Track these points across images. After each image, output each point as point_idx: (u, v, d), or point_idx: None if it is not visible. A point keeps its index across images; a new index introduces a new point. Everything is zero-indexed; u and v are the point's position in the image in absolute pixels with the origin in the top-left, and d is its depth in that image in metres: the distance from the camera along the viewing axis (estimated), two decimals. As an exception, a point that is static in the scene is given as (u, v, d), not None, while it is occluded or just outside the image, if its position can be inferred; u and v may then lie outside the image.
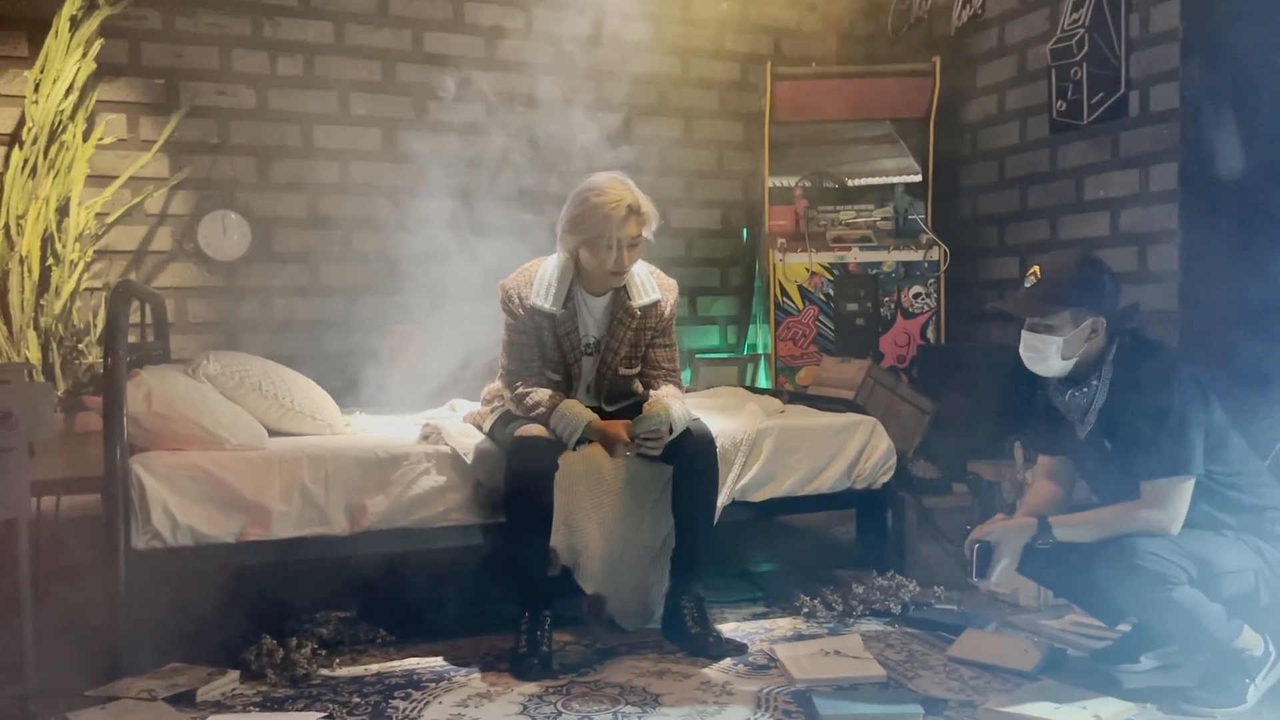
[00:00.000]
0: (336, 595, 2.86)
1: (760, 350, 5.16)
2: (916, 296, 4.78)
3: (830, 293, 4.79)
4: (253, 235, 4.45)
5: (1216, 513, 2.35)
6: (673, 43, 5.30)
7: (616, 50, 5.14)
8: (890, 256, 4.79)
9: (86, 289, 4.08)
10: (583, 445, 2.82)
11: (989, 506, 3.45)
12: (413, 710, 2.36)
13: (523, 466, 2.68)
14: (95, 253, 4.12)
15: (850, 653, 2.65)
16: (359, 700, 2.41)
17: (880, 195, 4.95)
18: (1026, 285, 2.45)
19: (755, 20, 5.47)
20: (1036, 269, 2.45)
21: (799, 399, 3.76)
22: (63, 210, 3.92)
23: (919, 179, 4.91)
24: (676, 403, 2.83)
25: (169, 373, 2.85)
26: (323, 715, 2.32)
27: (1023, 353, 2.48)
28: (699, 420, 2.90)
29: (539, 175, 4.49)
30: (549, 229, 2.91)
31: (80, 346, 3.83)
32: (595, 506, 2.85)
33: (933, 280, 4.78)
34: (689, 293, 5.33)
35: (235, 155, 4.46)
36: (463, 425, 3.06)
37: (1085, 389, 2.44)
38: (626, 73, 5.14)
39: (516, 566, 2.74)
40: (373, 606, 2.87)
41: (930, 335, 4.78)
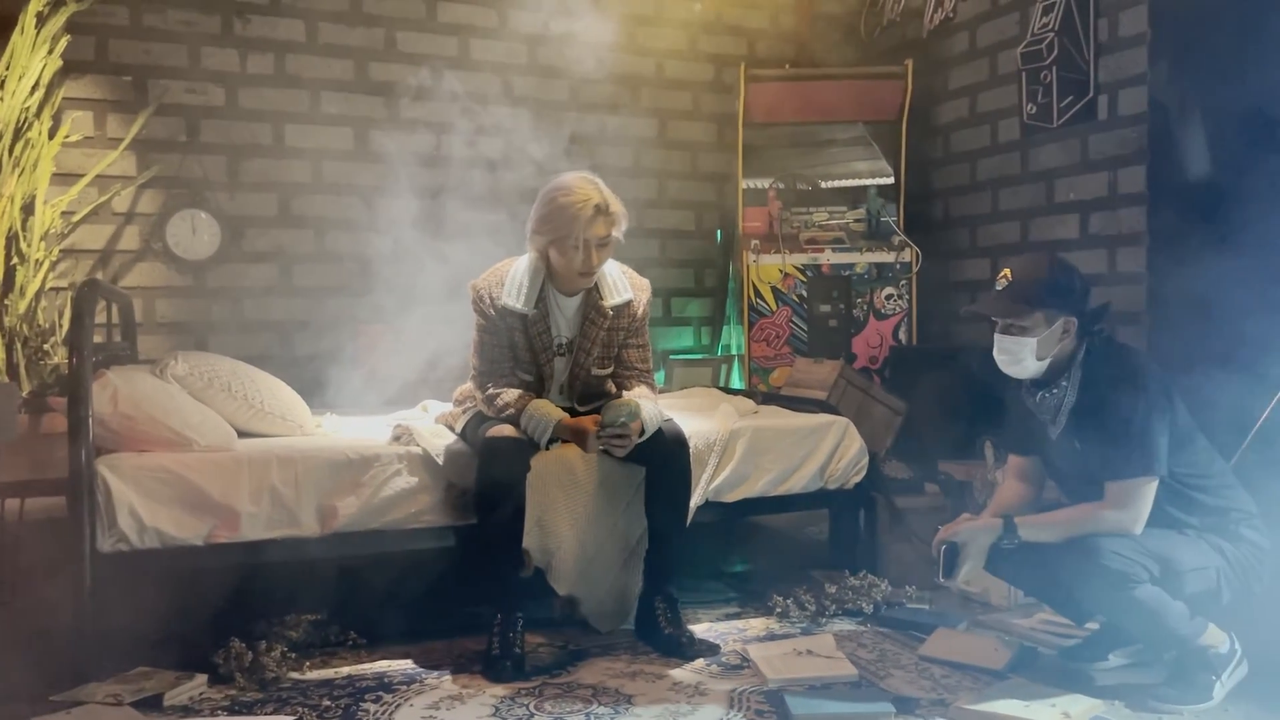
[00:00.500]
0: (307, 598, 2.83)
1: (734, 351, 5.17)
2: (889, 298, 4.81)
3: (803, 294, 4.81)
4: (222, 235, 4.41)
5: (1181, 514, 2.38)
6: (646, 44, 5.30)
7: (590, 51, 5.13)
8: (863, 258, 4.81)
9: (52, 288, 4.02)
10: (555, 445, 2.81)
11: (960, 506, 3.47)
12: (383, 713, 2.34)
13: (494, 467, 2.67)
14: (61, 252, 4.07)
15: (822, 652, 2.66)
16: (329, 703, 2.39)
17: (853, 197, 4.98)
18: (998, 287, 2.47)
19: (729, 22, 5.47)
20: (1008, 271, 2.47)
21: (772, 400, 3.77)
22: (28, 208, 3.86)
23: (891, 181, 4.94)
24: (649, 403, 2.83)
25: (136, 373, 2.82)
26: (292, 719, 2.30)
27: (996, 356, 2.49)
28: (672, 421, 2.90)
29: (511, 175, 4.47)
30: (521, 229, 2.90)
31: (45, 347, 3.77)
32: (568, 507, 2.85)
33: (905, 282, 4.81)
34: (663, 294, 5.33)
35: (205, 154, 4.42)
36: (434, 426, 3.04)
37: (1056, 390, 2.47)
38: (600, 73, 5.13)
39: (489, 568, 2.72)
40: (343, 609, 2.84)
41: (902, 336, 4.81)
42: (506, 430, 2.75)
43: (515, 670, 2.56)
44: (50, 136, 3.90)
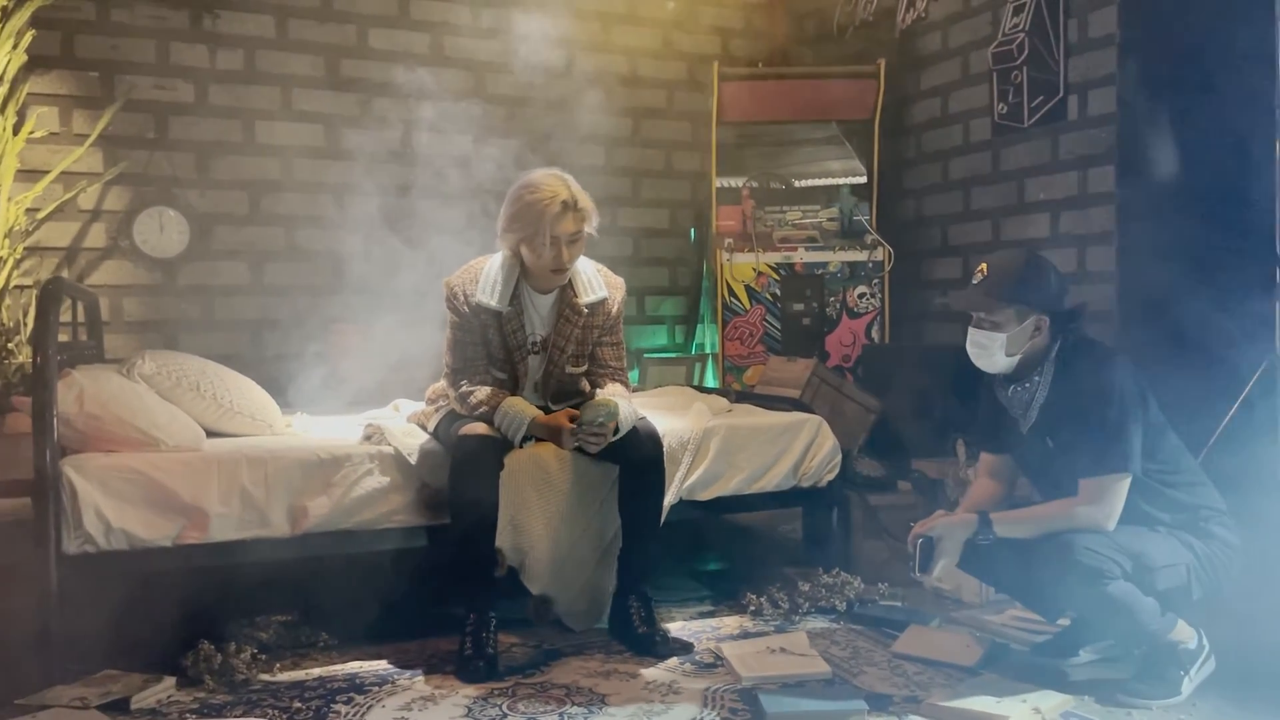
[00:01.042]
0: (277, 599, 2.81)
1: (708, 350, 5.17)
2: (861, 296, 4.83)
3: (777, 292, 4.82)
4: (191, 232, 4.37)
5: (1153, 510, 2.40)
6: (620, 42, 5.30)
7: (563, 48, 5.13)
8: (836, 257, 4.83)
9: (16, 286, 3.96)
10: (528, 443, 2.80)
11: (933, 504, 3.49)
12: (355, 714, 2.32)
13: (467, 466, 2.66)
14: (25, 249, 4.01)
15: (796, 650, 2.66)
16: (300, 705, 2.37)
17: (826, 196, 5.00)
18: (974, 282, 2.49)
19: (702, 20, 5.48)
20: (984, 266, 2.49)
21: (746, 398, 3.77)
22: (-8, 205, 3.81)
23: (864, 180, 4.96)
24: (624, 402, 2.83)
25: (102, 373, 2.78)
26: (262, 721, 2.28)
27: (969, 348, 2.52)
28: (645, 419, 2.89)
29: (484, 173, 4.45)
30: (494, 227, 2.88)
31: (10, 346, 3.72)
32: (542, 506, 2.83)
33: (877, 280, 4.83)
34: (637, 292, 5.32)
35: (173, 151, 4.37)
36: (406, 425, 3.02)
37: (1028, 385, 2.49)
38: (573, 71, 5.13)
39: (461, 568, 2.71)
40: (315, 610, 2.82)
41: (875, 335, 4.83)
42: (480, 428, 2.73)
43: (488, 670, 2.54)
44: (15, 133, 3.84)
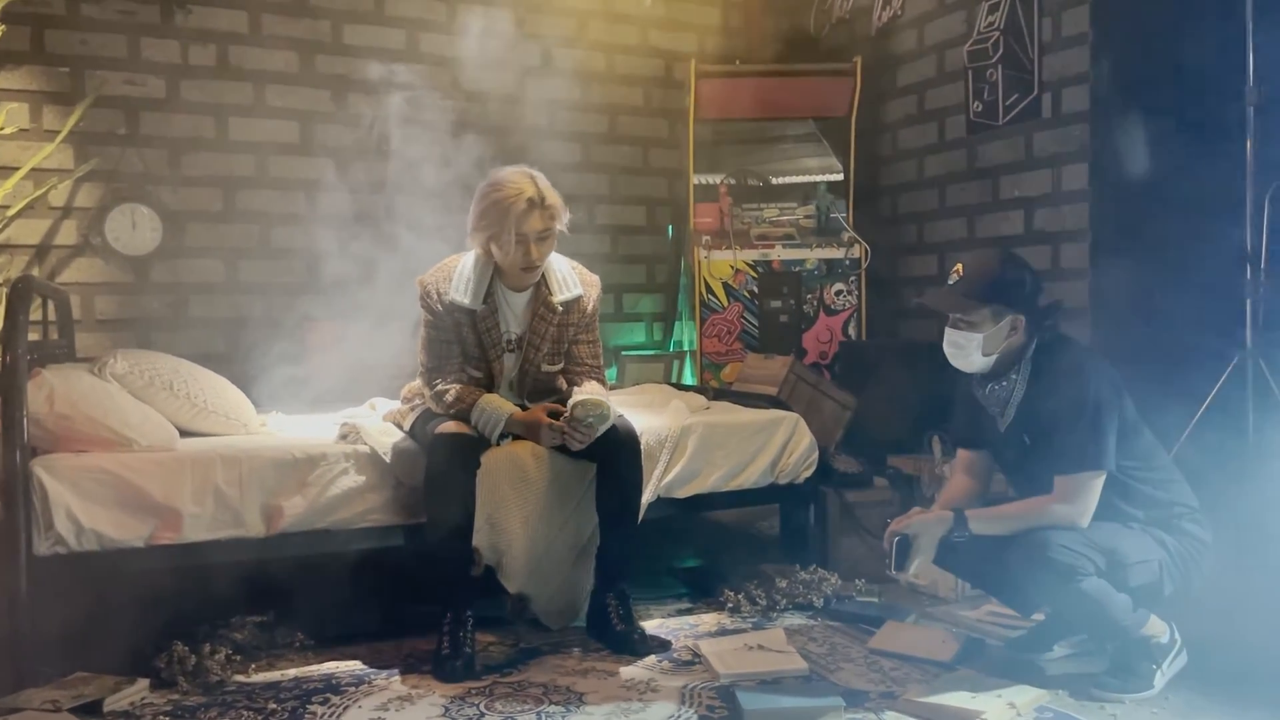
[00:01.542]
0: (252, 599, 2.78)
1: (686, 347, 5.18)
2: (838, 294, 4.84)
3: (754, 290, 4.83)
4: (164, 230, 4.32)
5: (1127, 507, 2.41)
6: (596, 38, 5.28)
7: (539, 45, 5.12)
8: (813, 254, 4.84)
9: (-14, 285, 3.91)
10: (505, 440, 2.79)
11: (909, 500, 3.50)
12: (331, 715, 2.31)
13: (443, 464, 2.65)
14: (-5, 247, 3.96)
15: (773, 647, 2.67)
16: (275, 706, 2.35)
17: (803, 193, 5.01)
18: (950, 283, 2.49)
19: (678, 18, 5.48)
20: (960, 267, 2.49)
21: (723, 395, 3.78)
22: (-40, 203, 3.77)
23: (841, 177, 4.98)
24: (611, 407, 2.81)
25: (73, 372, 2.75)
26: (237, 723, 2.27)
27: (946, 349, 2.53)
28: (623, 417, 2.89)
29: (460, 170, 4.43)
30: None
31: (-21, 345, 3.67)
32: (519, 505, 2.83)
33: (854, 278, 4.85)
34: (615, 289, 5.32)
35: (145, 147, 4.32)
36: (382, 424, 3.00)
37: (1005, 382, 2.50)
38: (550, 68, 5.12)
39: (438, 566, 2.69)
40: (290, 610, 2.80)
41: (852, 332, 4.85)
42: (456, 426, 2.72)
43: (466, 669, 2.53)
44: (-17, 129, 3.80)
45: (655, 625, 2.92)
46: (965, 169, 4.58)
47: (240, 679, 2.51)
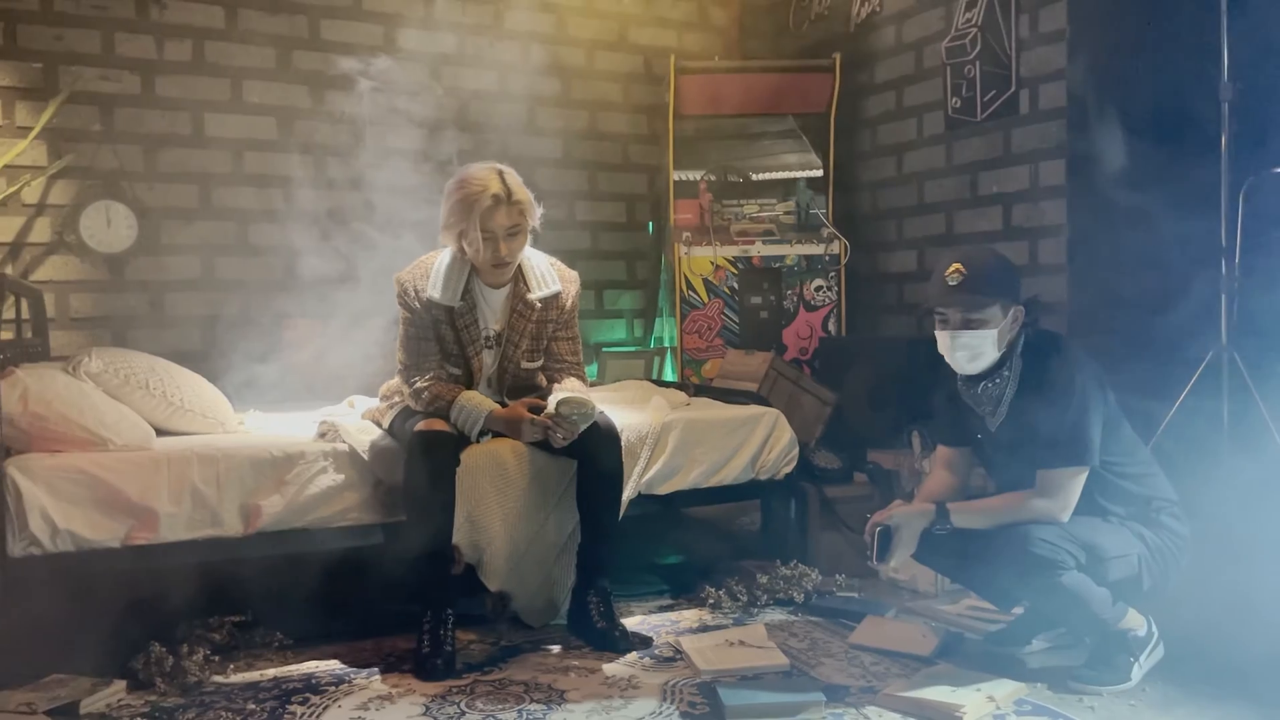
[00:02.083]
0: (230, 599, 2.77)
1: (666, 343, 5.18)
2: (818, 289, 4.85)
3: (735, 286, 4.83)
4: (140, 227, 4.28)
5: (1107, 504, 2.43)
6: (576, 34, 5.27)
7: (519, 41, 5.10)
8: (793, 250, 4.85)
9: (-42, 283, 3.87)
10: (485, 437, 2.78)
11: (888, 495, 3.52)
12: (311, 715, 2.30)
13: (423, 462, 2.63)
14: (-32, 245, 3.92)
15: (754, 643, 2.67)
16: (254, 707, 2.34)
17: (783, 189, 5.01)
18: (951, 284, 2.41)
19: (657, 13, 5.47)
20: (959, 266, 2.42)
21: (704, 392, 3.78)
22: (-69, 200, 3.72)
23: (820, 174, 4.98)
24: (595, 406, 2.81)
25: (47, 371, 2.72)
26: (215, 724, 2.25)
27: (956, 355, 2.46)
28: (603, 414, 2.88)
29: (440, 166, 4.42)
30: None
31: (-48, 344, 3.63)
32: (499, 502, 2.82)
33: (834, 273, 4.86)
34: (595, 286, 5.31)
35: (120, 143, 4.28)
36: (361, 422, 2.99)
37: (998, 380, 2.49)
38: (529, 64, 5.10)
39: (418, 565, 2.68)
40: (269, 610, 2.78)
41: (831, 328, 4.86)
42: (435, 424, 2.71)
43: (446, 668, 2.52)
44: (-46, 125, 3.75)
45: (636, 622, 2.92)
46: (944, 165, 4.59)
47: (218, 679, 2.50)
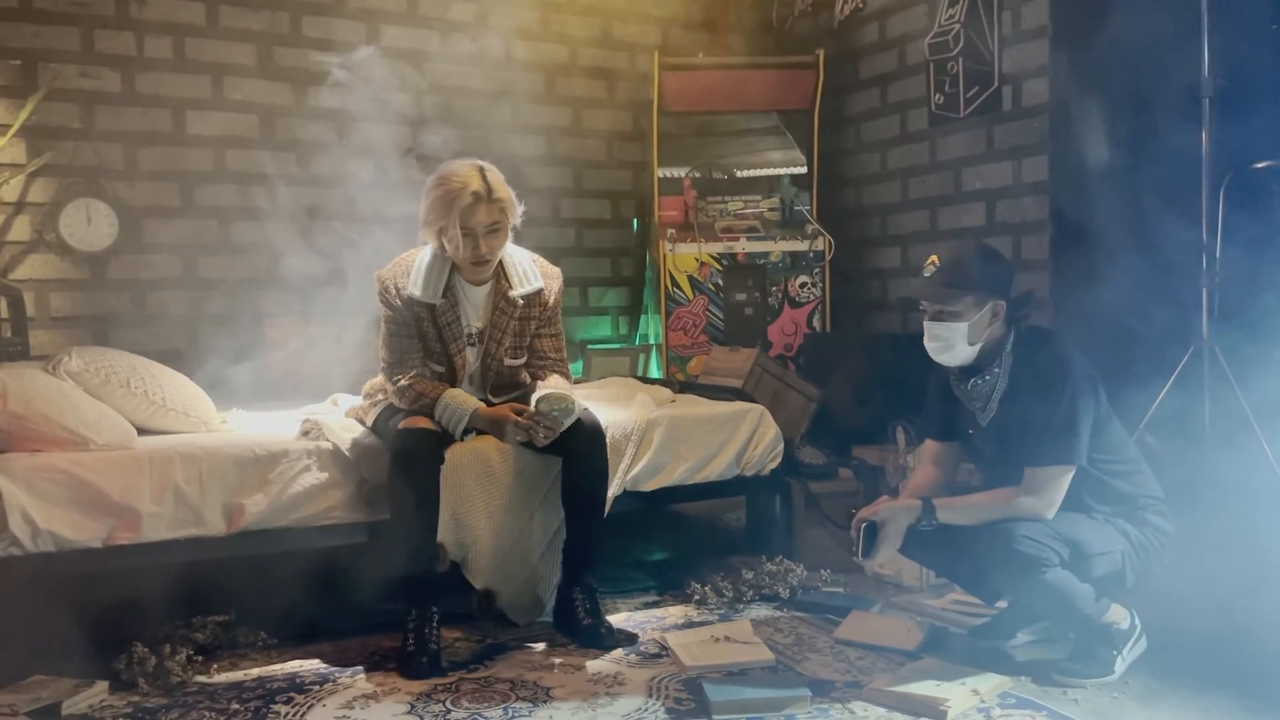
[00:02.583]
0: (213, 598, 2.75)
1: (652, 340, 5.17)
2: (803, 286, 4.86)
3: (719, 283, 4.83)
4: (121, 225, 4.24)
5: (1093, 503, 2.44)
6: (560, 31, 5.26)
7: (502, 38, 5.08)
8: (777, 247, 4.85)
9: (-63, 282, 3.83)
10: (469, 436, 2.77)
11: (873, 490, 3.53)
12: (295, 714, 2.29)
13: (407, 460, 2.62)
14: (-54, 243, 3.88)
15: (740, 638, 2.67)
16: (238, 707, 2.32)
17: (768, 186, 5.02)
18: (926, 274, 2.49)
19: (642, 10, 5.46)
20: (935, 258, 2.50)
21: (689, 388, 3.78)
22: (-92, 198, 3.68)
23: (804, 170, 4.99)
24: (575, 400, 2.80)
25: (27, 370, 2.70)
26: (199, 724, 2.24)
27: (928, 344, 2.50)
28: (588, 411, 2.88)
29: (423, 164, 4.40)
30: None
31: (-70, 343, 3.60)
32: (484, 500, 2.81)
33: (818, 270, 4.87)
34: (580, 283, 5.31)
35: (100, 141, 4.25)
36: (345, 420, 2.98)
37: (988, 376, 2.50)
38: (513, 60, 5.08)
39: (402, 563, 2.67)
40: (253, 609, 2.76)
41: (816, 324, 4.87)
42: (419, 422, 2.70)
43: (431, 666, 2.52)
44: (-68, 123, 3.72)
45: (622, 618, 2.92)
46: (927, 161, 4.61)
47: (202, 679, 2.48)
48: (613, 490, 3.00)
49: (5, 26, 4.08)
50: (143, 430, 2.83)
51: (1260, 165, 3.09)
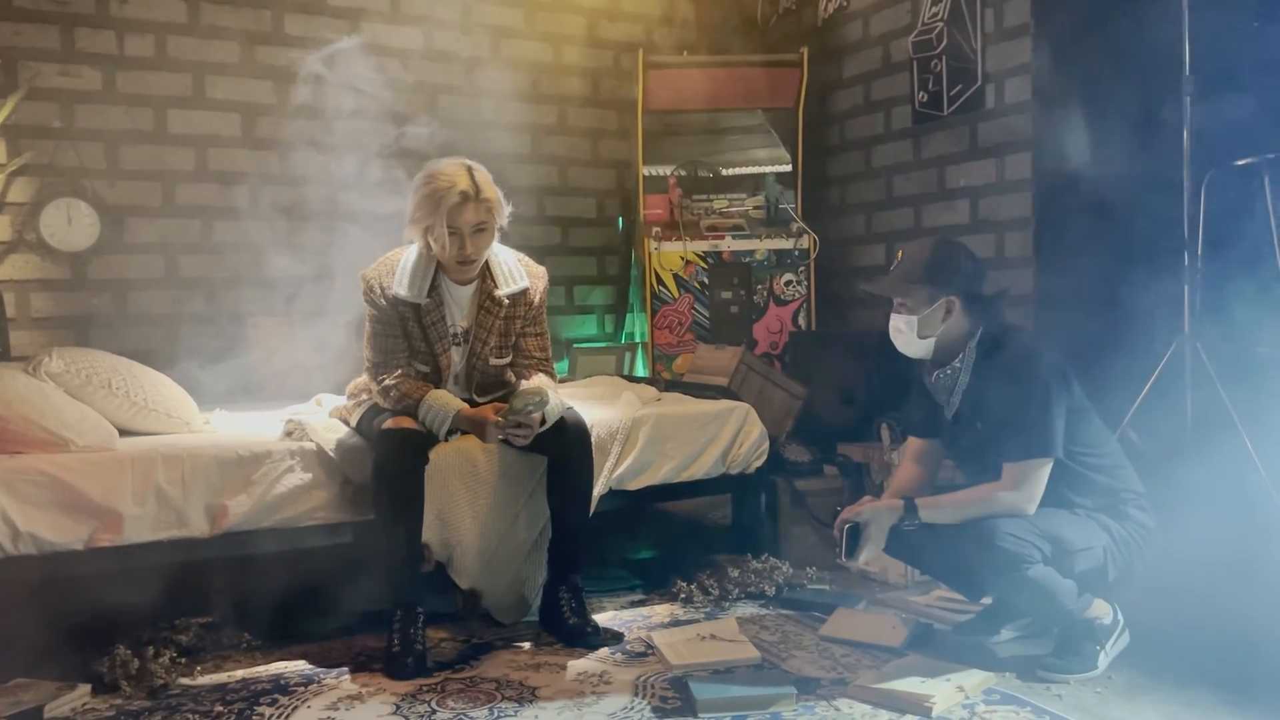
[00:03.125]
0: (197, 600, 2.73)
1: (638, 339, 5.17)
2: (788, 284, 4.87)
3: (705, 281, 4.83)
4: (102, 225, 4.22)
5: (1074, 496, 2.45)
6: (544, 29, 5.25)
7: (487, 36, 5.07)
8: (762, 245, 4.85)
9: (-84, 283, 3.80)
10: (453, 436, 2.77)
11: (858, 487, 3.53)
12: (280, 716, 2.27)
13: (391, 460, 2.62)
14: (-75, 244, 3.85)
15: (726, 636, 2.68)
16: (222, 709, 2.31)
17: (752, 184, 5.02)
18: (891, 267, 2.56)
19: (626, 8, 5.46)
20: (900, 252, 2.57)
21: (675, 387, 3.78)
22: (-114, 198, 3.65)
23: (789, 168, 4.99)
24: (551, 395, 2.80)
25: (7, 371, 2.68)
26: (182, 726, 2.22)
27: (890, 333, 2.58)
28: (573, 410, 2.87)
29: (406, 162, 4.38)
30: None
31: (-91, 344, 3.57)
32: (469, 500, 2.81)
33: (803, 268, 4.87)
34: (565, 282, 5.30)
35: (81, 140, 4.22)
36: (328, 420, 2.97)
37: (949, 370, 2.54)
38: (498, 58, 5.07)
39: (387, 563, 2.67)
40: (237, 610, 2.75)
41: (801, 322, 4.88)
42: (403, 422, 2.69)
43: (417, 666, 2.51)
44: (-90, 122, 3.68)
45: (608, 617, 2.92)
46: (911, 159, 4.62)
47: (186, 682, 2.47)
48: (598, 489, 3.00)
49: (-16, 25, 4.05)
50: (124, 431, 2.81)
51: (1241, 162, 3.10)
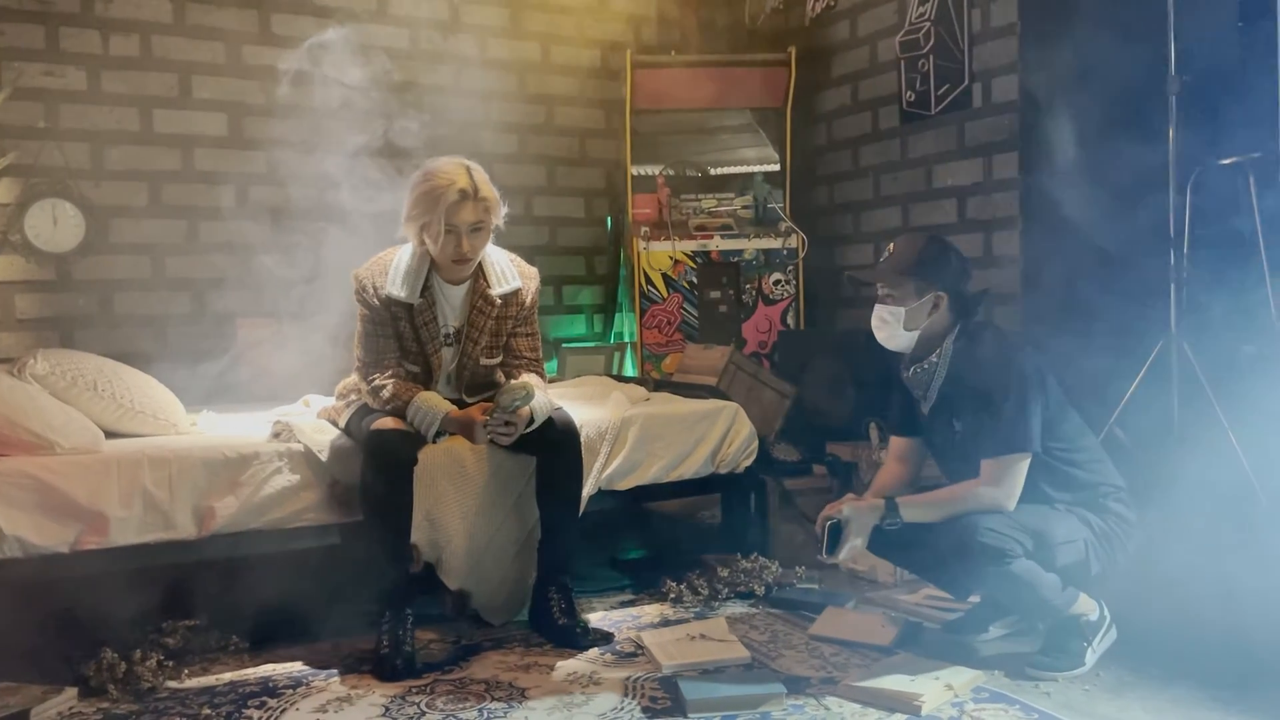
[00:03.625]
0: (184, 603, 2.72)
1: (627, 339, 5.17)
2: (777, 283, 4.87)
3: (694, 280, 4.84)
4: (87, 225, 4.19)
5: (1053, 491, 2.47)
6: (532, 28, 5.24)
7: (474, 35, 5.06)
8: (751, 244, 4.86)
9: (-101, 284, 3.77)
10: (442, 437, 2.76)
11: (847, 486, 3.54)
12: (268, 718, 2.27)
13: (380, 461, 2.61)
14: (-92, 245, 3.82)
15: (715, 636, 2.68)
16: (210, 711, 2.30)
17: (741, 184, 5.02)
18: (881, 259, 2.57)
19: (614, 7, 5.45)
20: (891, 245, 2.58)
21: (664, 386, 3.78)
22: None
23: (777, 168, 5.00)
24: (539, 392, 2.79)
25: (-9, 373, 2.66)
26: (170, 730, 2.21)
27: (873, 323, 2.59)
28: (562, 410, 2.87)
29: (394, 162, 4.37)
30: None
31: (-108, 347, 3.54)
32: (458, 500, 2.80)
33: (792, 267, 4.88)
34: (554, 281, 5.29)
35: (66, 140, 4.19)
36: (317, 421, 2.95)
37: (926, 365, 2.56)
38: (485, 58, 5.06)
39: (376, 565, 2.66)
40: (224, 613, 2.74)
41: (790, 321, 4.88)
42: (392, 422, 2.68)
43: (406, 668, 2.50)
44: (-108, 122, 3.65)
45: (598, 618, 2.92)
46: (899, 158, 4.63)
47: (173, 685, 2.46)
48: (587, 489, 3.00)
49: (-33, 24, 4.02)
50: (110, 433, 2.79)
51: (1226, 161, 3.12)
